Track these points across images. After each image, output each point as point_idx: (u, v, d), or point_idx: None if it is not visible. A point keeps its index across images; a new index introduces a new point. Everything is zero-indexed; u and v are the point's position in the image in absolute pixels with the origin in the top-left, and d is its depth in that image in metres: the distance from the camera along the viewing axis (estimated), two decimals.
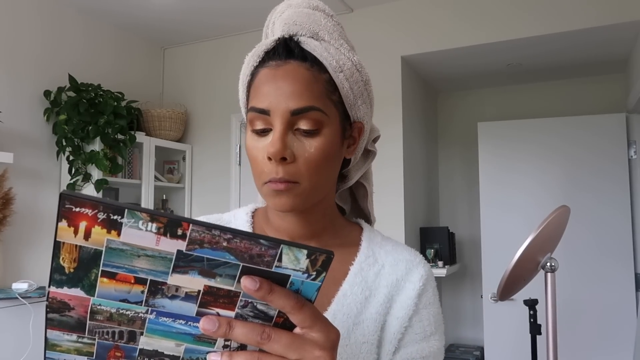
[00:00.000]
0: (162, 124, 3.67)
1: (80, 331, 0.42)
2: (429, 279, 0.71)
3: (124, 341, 0.42)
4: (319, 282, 0.42)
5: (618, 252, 3.21)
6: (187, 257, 0.39)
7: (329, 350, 0.42)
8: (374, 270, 0.70)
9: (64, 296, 0.40)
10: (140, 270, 0.39)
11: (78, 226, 0.36)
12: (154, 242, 0.38)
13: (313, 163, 0.62)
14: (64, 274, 0.39)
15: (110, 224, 0.36)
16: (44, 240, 3.12)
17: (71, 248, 0.37)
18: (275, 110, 0.61)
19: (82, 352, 0.43)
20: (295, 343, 0.42)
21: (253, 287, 0.40)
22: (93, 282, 0.39)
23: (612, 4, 2.75)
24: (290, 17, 0.68)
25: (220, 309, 0.41)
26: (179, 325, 0.42)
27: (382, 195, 3.24)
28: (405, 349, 0.66)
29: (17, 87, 3.01)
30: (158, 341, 0.43)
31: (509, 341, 3.27)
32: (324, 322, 0.43)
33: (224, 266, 0.39)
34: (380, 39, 3.28)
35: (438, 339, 0.70)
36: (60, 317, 0.41)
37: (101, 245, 0.37)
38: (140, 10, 3.42)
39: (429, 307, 0.70)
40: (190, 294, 0.40)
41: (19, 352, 2.56)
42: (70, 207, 0.36)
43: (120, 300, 0.40)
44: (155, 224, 0.37)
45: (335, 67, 0.65)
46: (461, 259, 3.92)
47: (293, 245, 0.39)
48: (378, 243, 0.74)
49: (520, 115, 3.77)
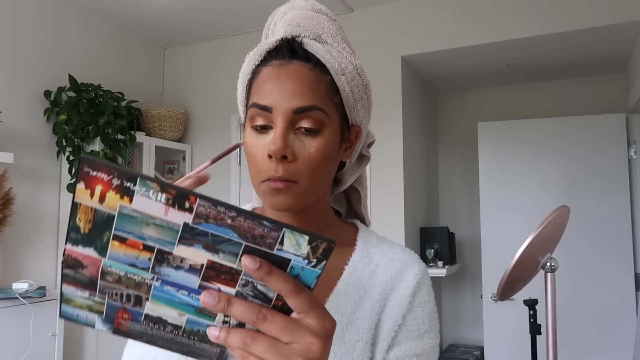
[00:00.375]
0: (162, 124, 3.67)
1: (91, 289, 0.43)
2: (424, 278, 0.72)
3: (131, 304, 0.44)
4: (319, 270, 0.42)
5: (618, 252, 3.21)
6: (192, 230, 0.40)
7: (323, 338, 0.43)
8: (369, 269, 0.70)
9: (78, 254, 0.42)
10: (149, 238, 0.41)
11: (94, 189, 0.38)
12: (163, 212, 0.39)
13: (312, 163, 0.62)
14: (80, 234, 0.41)
15: (124, 190, 0.38)
16: (44, 240, 3.12)
17: (87, 210, 0.39)
18: (278, 108, 0.61)
19: (93, 310, 0.45)
20: (289, 327, 0.42)
21: (253, 267, 0.40)
22: (105, 244, 0.41)
23: (612, 4, 2.75)
24: (294, 18, 0.68)
25: (221, 285, 0.43)
26: (182, 295, 0.43)
27: (382, 195, 3.24)
28: (399, 346, 0.67)
29: (18, 87, 3.01)
30: (162, 308, 0.44)
31: (508, 341, 3.27)
32: (321, 310, 0.43)
33: (227, 243, 0.40)
34: (380, 39, 3.28)
35: (432, 337, 0.70)
36: (75, 274, 0.43)
37: (114, 209, 0.39)
38: (141, 11, 3.43)
39: (423, 305, 0.70)
40: (194, 267, 0.42)
41: (19, 352, 2.56)
42: (88, 171, 0.38)
43: (129, 265, 0.42)
44: (164, 194, 0.38)
45: (337, 70, 0.65)
46: (461, 259, 3.92)
47: (295, 230, 0.40)
48: (373, 243, 0.75)
49: (520, 115, 3.77)
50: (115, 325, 0.45)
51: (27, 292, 2.62)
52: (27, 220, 3.00)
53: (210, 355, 0.47)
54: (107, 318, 0.45)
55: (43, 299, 2.68)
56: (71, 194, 3.09)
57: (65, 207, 3.19)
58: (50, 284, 3.12)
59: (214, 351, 0.46)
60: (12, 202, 2.76)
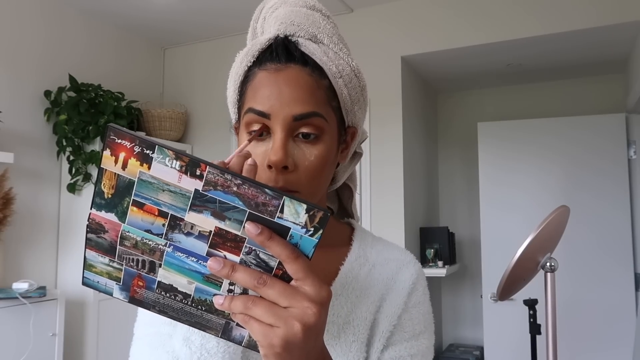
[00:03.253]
0: (163, 124, 3.67)
1: (111, 254, 0.46)
2: (419, 278, 0.72)
3: (145, 271, 0.47)
4: (315, 239, 0.45)
5: (618, 252, 3.21)
6: (202, 197, 0.43)
7: (318, 304, 0.44)
8: (365, 269, 0.70)
9: (101, 219, 0.45)
10: (164, 204, 0.43)
11: (118, 156, 0.41)
12: (176, 179, 0.42)
13: (312, 171, 0.61)
14: (104, 199, 0.44)
15: (144, 157, 0.41)
16: (44, 240, 3.12)
17: (111, 175, 0.42)
18: (277, 115, 0.59)
19: (112, 277, 0.48)
20: (287, 291, 0.44)
21: (255, 232, 0.43)
22: (125, 209, 0.44)
23: (612, 4, 2.75)
24: (287, 15, 0.66)
25: (227, 252, 0.45)
26: (191, 262, 0.46)
27: (382, 195, 3.24)
28: (394, 347, 0.67)
29: (18, 87, 3.01)
30: (173, 276, 0.47)
31: (508, 341, 3.27)
32: (317, 278, 0.45)
33: (233, 210, 0.43)
34: (380, 39, 3.28)
35: (427, 337, 0.70)
36: (97, 238, 0.46)
37: (134, 176, 0.42)
38: (141, 11, 3.43)
39: (418, 306, 0.70)
40: (202, 233, 0.44)
41: (19, 352, 2.56)
42: (114, 139, 0.41)
43: (144, 230, 0.45)
44: (179, 162, 0.41)
45: (335, 73, 0.63)
46: (461, 259, 3.92)
47: (294, 199, 0.43)
48: (369, 243, 0.74)
49: (520, 115, 3.77)
50: (131, 293, 0.48)
51: (27, 292, 2.62)
52: (27, 220, 3.00)
53: (216, 327, 0.49)
54: (124, 285, 0.48)
55: (43, 299, 2.68)
56: (72, 194, 3.10)
57: (65, 207, 3.19)
58: (50, 284, 3.13)
59: (219, 322, 0.49)
60: (12, 202, 2.76)
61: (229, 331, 0.49)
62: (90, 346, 3.00)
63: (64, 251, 3.17)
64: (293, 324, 0.43)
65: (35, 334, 2.61)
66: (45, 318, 2.70)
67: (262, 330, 0.44)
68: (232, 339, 0.50)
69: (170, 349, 0.59)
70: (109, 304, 3.11)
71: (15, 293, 2.57)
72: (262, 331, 0.44)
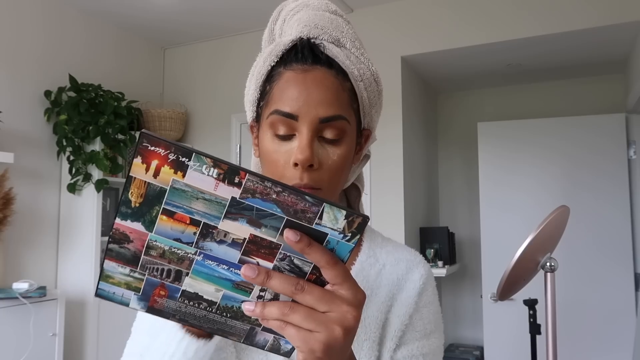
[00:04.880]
0: (163, 124, 3.67)
1: (133, 265, 0.45)
2: (429, 278, 0.73)
3: (170, 280, 0.46)
4: (352, 244, 0.45)
5: (617, 252, 3.21)
6: (239, 205, 0.42)
7: (356, 308, 0.45)
8: (375, 269, 0.72)
9: (126, 228, 0.43)
10: (196, 212, 0.42)
11: (150, 164, 0.40)
12: (213, 187, 0.41)
13: (334, 170, 0.63)
14: (130, 208, 0.42)
15: (178, 165, 0.40)
16: (44, 240, 3.12)
17: (140, 184, 0.41)
18: (305, 116, 0.61)
19: (130, 287, 0.46)
20: (325, 297, 0.45)
21: (294, 239, 0.43)
22: (154, 218, 0.43)
23: (612, 4, 2.75)
24: (311, 19, 0.67)
25: (260, 259, 0.45)
26: (221, 270, 0.45)
27: (382, 195, 3.24)
28: (406, 346, 0.68)
29: (18, 87, 3.02)
30: (200, 284, 0.46)
31: (508, 341, 3.27)
32: (353, 282, 0.46)
33: (270, 217, 0.43)
34: (380, 39, 3.28)
35: (438, 337, 0.72)
36: (119, 249, 0.44)
37: (167, 184, 0.41)
38: (141, 11, 3.43)
39: (429, 305, 0.72)
40: (236, 241, 0.44)
41: (19, 352, 2.56)
42: (147, 146, 0.40)
43: (173, 239, 0.44)
44: (217, 169, 0.41)
45: (357, 77, 0.65)
46: (461, 259, 3.92)
47: (334, 205, 0.43)
48: (379, 243, 0.76)
49: (520, 115, 3.78)
50: (150, 303, 0.47)
51: (28, 292, 2.62)
52: (27, 220, 3.00)
53: (239, 333, 0.49)
54: (143, 296, 0.47)
55: (43, 299, 2.69)
56: (72, 193, 3.10)
57: (65, 207, 3.20)
58: (51, 284, 3.13)
59: (243, 328, 0.49)
60: (12, 202, 2.76)
61: (252, 336, 0.49)
62: (90, 346, 3.00)
63: (64, 251, 3.17)
64: (334, 328, 0.44)
65: (35, 334, 2.61)
66: (45, 318, 2.70)
67: (301, 336, 0.44)
68: (255, 343, 0.50)
69: None
70: (109, 304, 3.11)
71: (15, 293, 2.57)
72: (302, 337, 0.44)
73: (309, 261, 0.45)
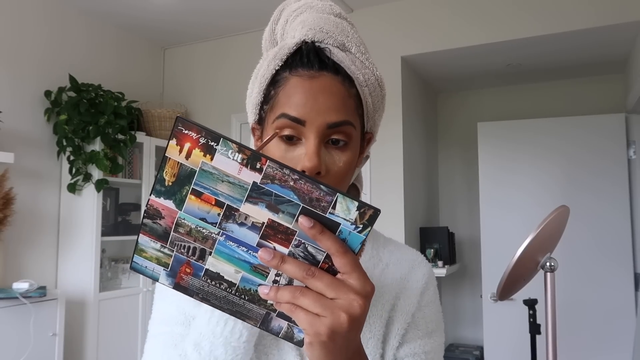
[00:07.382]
0: (163, 124, 3.67)
1: (163, 240, 0.48)
2: (431, 278, 0.75)
3: (195, 258, 0.49)
4: (363, 236, 0.46)
5: (617, 252, 3.21)
6: (259, 190, 0.45)
7: (363, 297, 0.46)
8: (379, 269, 0.73)
9: (159, 205, 0.47)
10: (221, 194, 0.45)
11: (183, 146, 0.43)
12: (237, 171, 0.44)
13: (340, 176, 0.64)
14: (164, 186, 0.46)
15: (207, 148, 0.43)
16: (44, 240, 3.12)
17: (174, 164, 0.44)
18: (312, 123, 0.61)
19: (160, 262, 0.50)
20: (334, 284, 0.46)
21: (308, 225, 0.45)
22: (183, 197, 0.46)
23: (612, 4, 2.75)
24: (316, 21, 0.66)
25: (277, 244, 0.47)
26: (241, 251, 0.48)
27: (382, 195, 3.24)
28: (408, 344, 0.70)
29: (18, 87, 3.02)
30: (222, 264, 0.49)
31: (508, 341, 3.28)
32: (362, 273, 0.47)
33: (287, 204, 0.45)
34: (380, 39, 3.28)
35: (439, 335, 0.73)
36: (152, 224, 0.48)
37: (196, 165, 0.44)
38: (141, 11, 3.43)
39: (430, 304, 0.73)
40: (255, 224, 0.46)
41: (19, 352, 2.56)
42: (181, 129, 0.43)
43: (200, 219, 0.47)
44: (241, 155, 0.43)
45: (362, 82, 0.66)
46: (461, 259, 3.92)
47: (347, 196, 0.44)
48: (381, 243, 0.77)
49: (520, 115, 3.78)
50: (176, 280, 0.50)
51: (28, 292, 2.62)
52: (27, 220, 3.00)
53: (256, 317, 0.51)
54: (171, 272, 0.50)
55: (43, 299, 2.69)
56: (72, 193, 3.10)
57: (65, 207, 3.20)
58: (51, 284, 3.13)
59: (260, 313, 0.51)
60: (12, 202, 2.77)
61: (268, 322, 0.51)
62: (90, 346, 3.00)
63: (64, 251, 3.17)
64: (339, 314, 0.46)
65: (36, 334, 2.62)
66: (45, 318, 2.70)
67: (309, 320, 0.46)
68: (270, 329, 0.52)
69: (182, 352, 0.60)
70: (109, 304, 3.11)
71: (16, 293, 2.58)
72: (309, 320, 0.46)
73: (322, 250, 0.47)
